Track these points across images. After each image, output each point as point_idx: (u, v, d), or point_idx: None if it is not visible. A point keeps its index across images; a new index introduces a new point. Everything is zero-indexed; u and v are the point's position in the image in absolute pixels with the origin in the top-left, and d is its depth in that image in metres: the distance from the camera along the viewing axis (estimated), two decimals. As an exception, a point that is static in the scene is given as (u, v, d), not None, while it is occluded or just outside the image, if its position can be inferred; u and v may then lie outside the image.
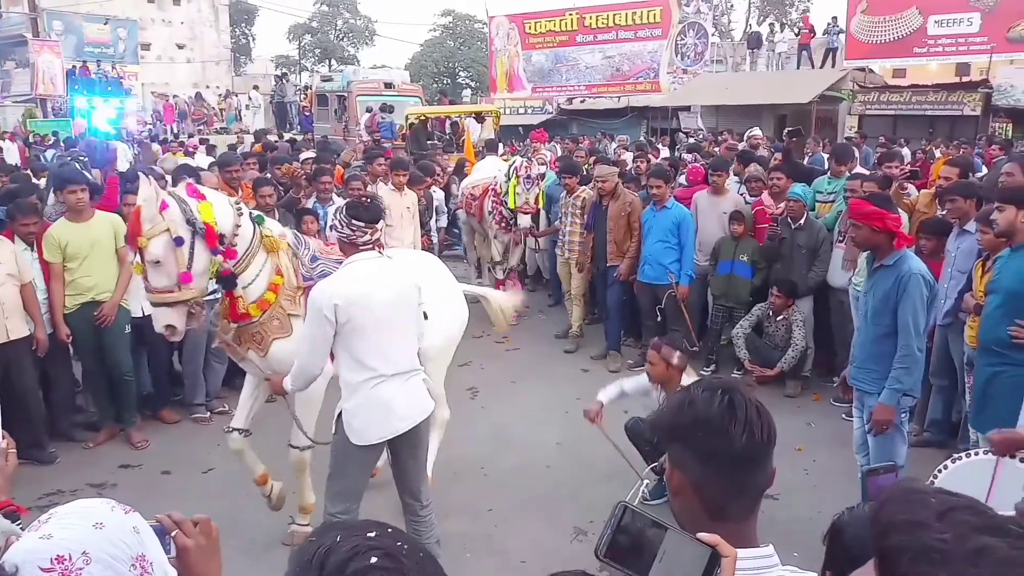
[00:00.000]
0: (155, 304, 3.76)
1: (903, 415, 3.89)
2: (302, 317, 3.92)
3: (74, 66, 23.80)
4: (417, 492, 3.66)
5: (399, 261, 3.74)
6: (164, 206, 3.61)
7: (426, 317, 3.77)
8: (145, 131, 20.21)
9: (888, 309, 3.78)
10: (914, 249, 4.28)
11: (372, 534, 0.92)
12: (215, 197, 3.91)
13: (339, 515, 3.45)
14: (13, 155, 16.34)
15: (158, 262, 3.61)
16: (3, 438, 1.83)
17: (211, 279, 3.88)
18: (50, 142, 16.85)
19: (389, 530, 0.95)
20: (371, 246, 3.44)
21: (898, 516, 0.89)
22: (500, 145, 12.71)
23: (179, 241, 3.62)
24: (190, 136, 19.08)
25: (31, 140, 17.61)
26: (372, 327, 3.31)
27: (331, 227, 5.95)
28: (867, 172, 6.79)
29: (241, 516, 4.40)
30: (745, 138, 10.52)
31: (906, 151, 13.03)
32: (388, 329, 3.36)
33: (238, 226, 3.82)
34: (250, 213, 3.99)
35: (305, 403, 4.00)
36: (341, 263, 4.04)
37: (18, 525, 1.65)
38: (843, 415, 5.60)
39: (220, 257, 3.79)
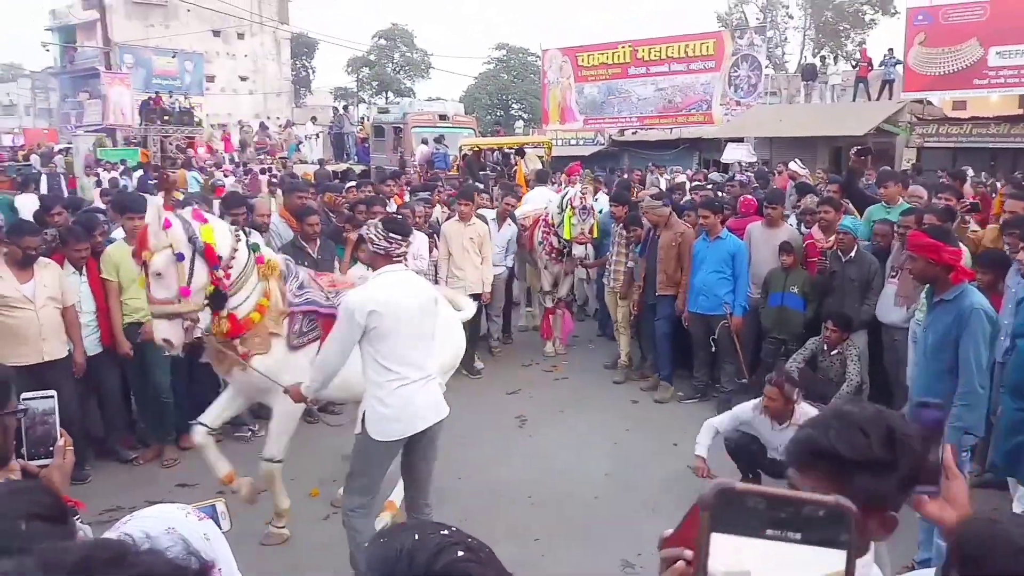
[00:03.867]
0: (156, 316, 3.98)
1: (964, 454, 3.78)
2: (283, 337, 4.17)
3: (149, 98, 24.76)
4: (425, 491, 3.91)
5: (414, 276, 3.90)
6: (167, 224, 3.86)
7: None
8: (212, 160, 20.86)
9: (948, 345, 3.69)
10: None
11: (445, 532, 0.96)
12: (216, 222, 4.17)
13: (358, 510, 3.66)
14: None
15: (159, 274, 3.85)
16: (61, 436, 1.86)
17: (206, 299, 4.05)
18: (119, 170, 17.49)
19: (454, 529, 0.98)
20: (400, 259, 3.66)
21: None
22: (551, 175, 12.79)
23: (180, 257, 3.85)
24: (247, 168, 19.36)
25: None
26: (400, 333, 3.53)
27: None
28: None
29: (291, 537, 4.49)
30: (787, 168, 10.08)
31: (967, 187, 12.64)
32: (414, 335, 3.59)
33: (235, 250, 4.06)
34: (247, 240, 4.21)
35: (285, 418, 4.24)
36: (328, 293, 4.33)
37: (76, 519, 1.72)
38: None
39: (215, 274, 3.97)
